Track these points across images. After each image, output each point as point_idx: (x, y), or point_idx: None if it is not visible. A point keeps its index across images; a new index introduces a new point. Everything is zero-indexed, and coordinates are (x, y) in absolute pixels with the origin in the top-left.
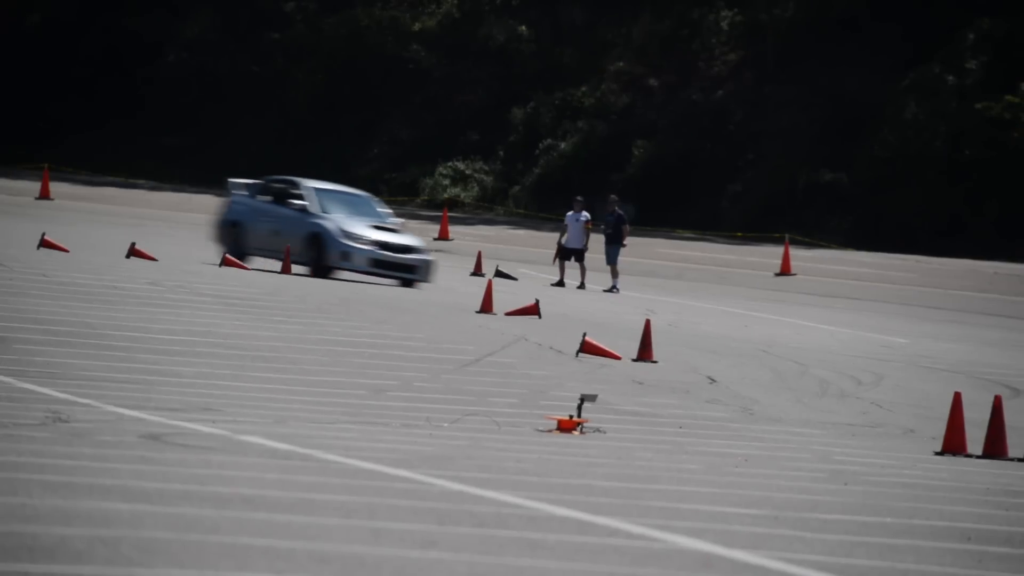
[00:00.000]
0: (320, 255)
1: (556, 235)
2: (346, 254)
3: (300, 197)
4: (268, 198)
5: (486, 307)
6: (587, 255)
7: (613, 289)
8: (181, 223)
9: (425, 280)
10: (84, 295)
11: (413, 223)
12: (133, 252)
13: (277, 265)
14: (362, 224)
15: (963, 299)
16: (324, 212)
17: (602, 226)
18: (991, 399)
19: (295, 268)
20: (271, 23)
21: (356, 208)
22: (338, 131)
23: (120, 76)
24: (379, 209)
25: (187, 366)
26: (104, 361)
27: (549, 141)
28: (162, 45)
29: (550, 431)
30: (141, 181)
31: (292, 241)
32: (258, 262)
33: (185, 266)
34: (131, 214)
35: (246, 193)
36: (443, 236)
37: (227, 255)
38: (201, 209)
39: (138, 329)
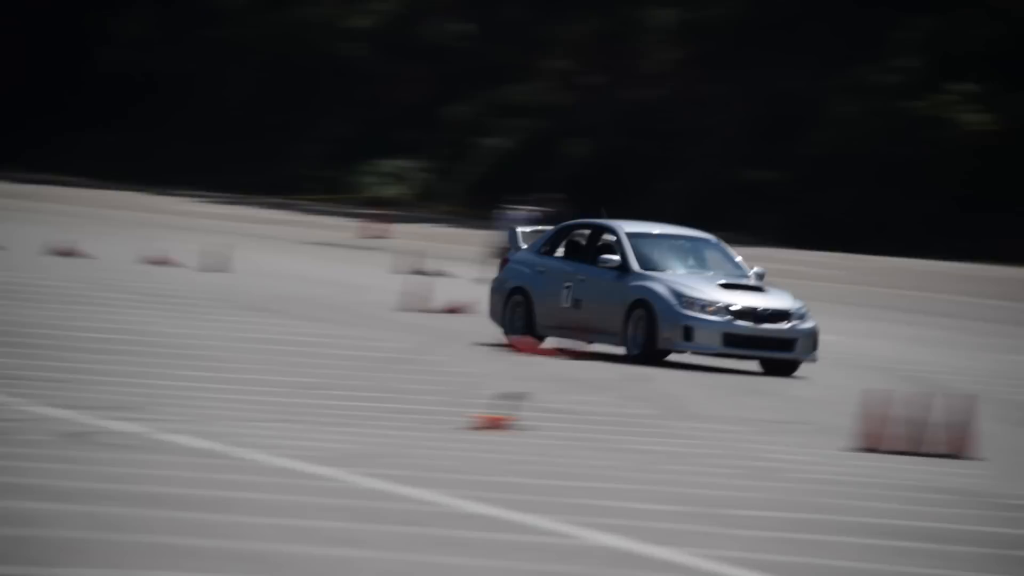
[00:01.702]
0: (649, 334)
1: (491, 233)
2: (689, 330)
3: (612, 249)
4: (562, 251)
5: (419, 305)
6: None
7: None
8: (115, 221)
9: (806, 359)
10: (12, 294)
11: (347, 222)
12: (62, 251)
13: (596, 349)
14: (705, 282)
15: (892, 296)
16: (647, 269)
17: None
18: (915, 396)
19: (600, 350)
20: (207, 20)
21: (693, 257)
22: (273, 128)
23: (54, 73)
24: (728, 254)
25: (114, 364)
26: (28, 360)
27: (486, 139)
28: (99, 42)
29: (477, 428)
30: (75, 179)
31: (605, 315)
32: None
33: (116, 264)
34: (64, 212)
35: (526, 247)
36: (377, 235)
37: (511, 338)
38: (135, 207)
39: (65, 327)
